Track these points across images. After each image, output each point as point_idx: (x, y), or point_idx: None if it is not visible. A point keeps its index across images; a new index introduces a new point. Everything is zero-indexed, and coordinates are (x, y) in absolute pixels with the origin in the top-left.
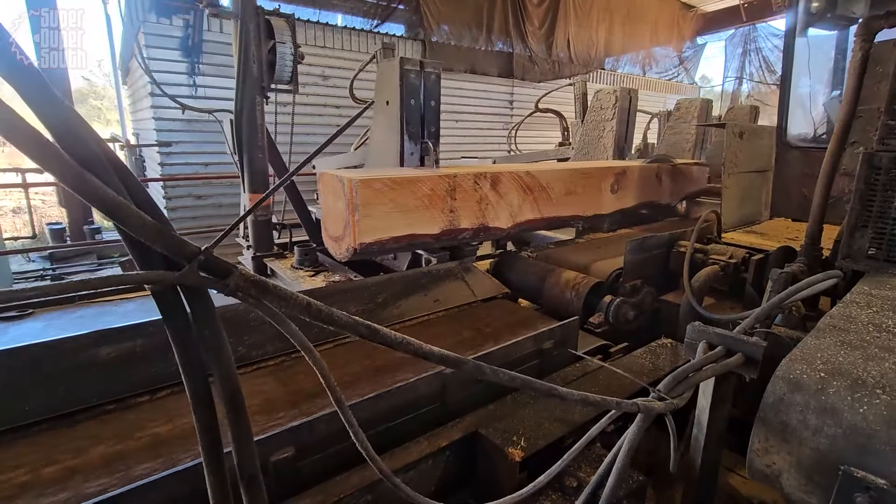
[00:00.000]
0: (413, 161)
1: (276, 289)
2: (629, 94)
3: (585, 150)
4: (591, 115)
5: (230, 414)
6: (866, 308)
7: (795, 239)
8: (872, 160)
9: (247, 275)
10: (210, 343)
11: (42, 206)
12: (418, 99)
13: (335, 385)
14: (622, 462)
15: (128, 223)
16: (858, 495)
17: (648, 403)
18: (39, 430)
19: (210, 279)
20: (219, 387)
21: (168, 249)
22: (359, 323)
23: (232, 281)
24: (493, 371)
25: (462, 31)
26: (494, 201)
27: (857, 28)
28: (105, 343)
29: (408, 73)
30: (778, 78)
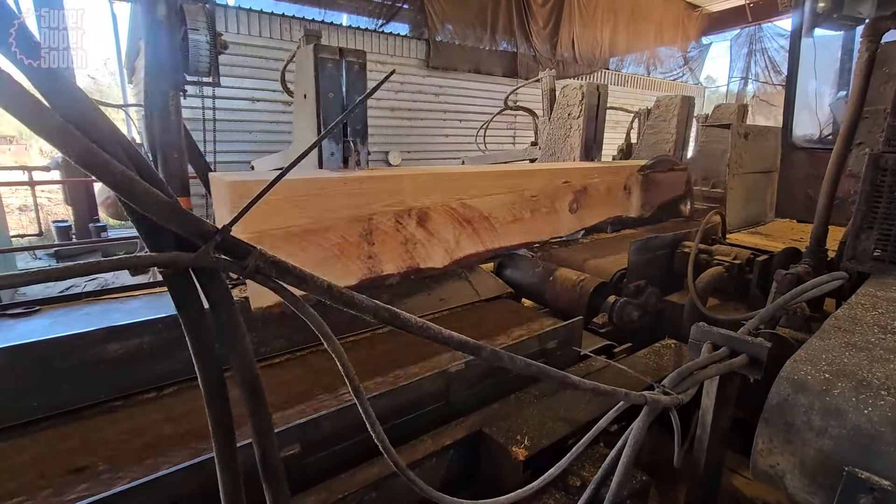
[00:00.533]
0: (334, 162)
1: (298, 270)
2: (597, 90)
3: (552, 150)
4: (557, 112)
5: (250, 404)
6: (871, 309)
7: (800, 240)
8: (878, 161)
9: (266, 255)
10: (227, 329)
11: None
12: (339, 92)
13: (354, 374)
14: (628, 456)
15: (139, 199)
16: (862, 496)
17: (655, 396)
18: (47, 425)
19: (228, 260)
20: (237, 376)
21: (182, 228)
22: (379, 307)
23: (251, 262)
24: (511, 358)
25: (466, 30)
26: (424, 240)
27: (864, 29)
28: (112, 340)
29: (324, 62)
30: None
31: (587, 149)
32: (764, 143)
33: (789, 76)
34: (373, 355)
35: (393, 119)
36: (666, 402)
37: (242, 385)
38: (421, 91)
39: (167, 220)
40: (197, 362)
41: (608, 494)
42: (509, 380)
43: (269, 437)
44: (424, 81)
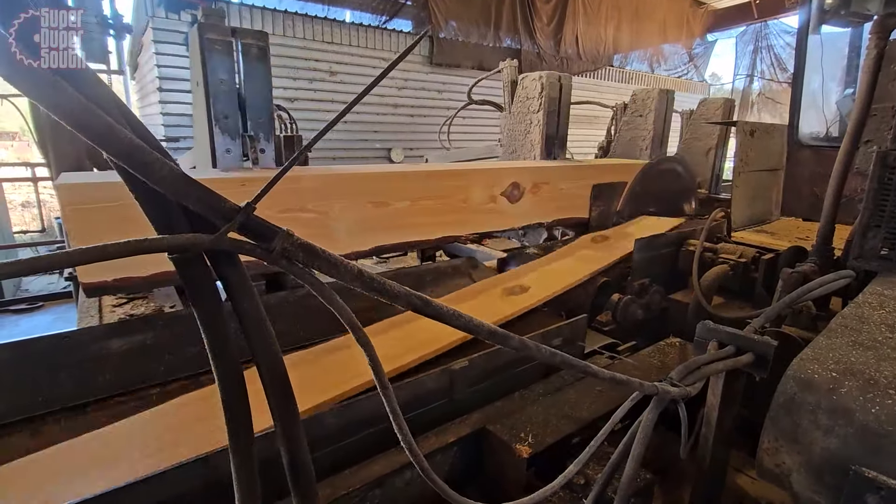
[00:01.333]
0: (230, 161)
1: (328, 254)
2: (559, 81)
3: (512, 146)
4: (516, 105)
5: (278, 404)
6: (879, 308)
7: (806, 239)
8: (886, 159)
9: (295, 238)
10: (250, 321)
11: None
12: (231, 80)
13: (382, 368)
14: (638, 449)
15: (151, 172)
16: (869, 496)
17: (665, 387)
18: (52, 420)
19: (251, 243)
20: (263, 372)
21: (200, 206)
22: (412, 294)
23: (278, 244)
24: (537, 347)
25: (470, 27)
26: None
27: (873, 25)
28: (117, 335)
29: (212, 44)
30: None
31: (548, 146)
32: (770, 140)
33: (796, 73)
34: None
35: (396, 116)
36: (675, 393)
37: (270, 382)
38: (424, 88)
39: (183, 195)
40: (212, 355)
41: (618, 491)
42: (513, 377)
43: (299, 441)
44: (427, 78)
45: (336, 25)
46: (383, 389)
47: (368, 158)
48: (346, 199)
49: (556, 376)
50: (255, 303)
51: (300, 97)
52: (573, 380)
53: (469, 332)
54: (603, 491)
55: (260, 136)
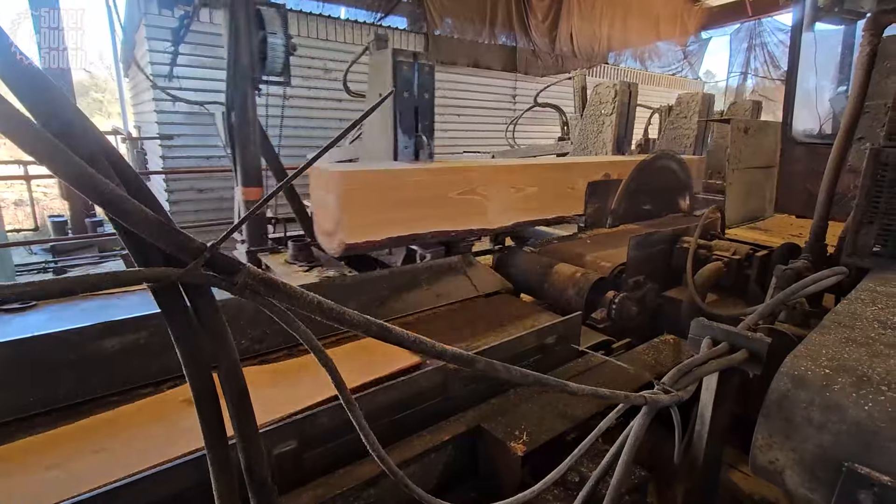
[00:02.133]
0: (407, 155)
1: (287, 287)
2: (629, 89)
3: (584, 144)
4: (590, 109)
5: (236, 418)
6: (871, 305)
7: (799, 236)
8: (879, 156)
9: (255, 272)
10: (216, 343)
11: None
12: (412, 92)
13: (345, 385)
14: (628, 454)
15: (128, 218)
16: (862, 492)
17: (655, 396)
18: (44, 421)
19: (216, 277)
20: (224, 388)
21: (171, 246)
22: (371, 322)
23: (240, 278)
24: (506, 368)
25: (465, 24)
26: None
27: (866, 22)
28: (110, 335)
29: (401, 65)
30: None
31: (619, 144)
32: (764, 138)
33: (790, 71)
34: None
35: None
36: (665, 400)
37: (229, 397)
38: None
39: (156, 237)
40: (187, 372)
41: (608, 492)
42: None
43: (258, 449)
44: None
45: (331, 22)
46: (348, 405)
47: None
48: (497, 186)
49: (552, 373)
50: (220, 327)
51: (294, 94)
52: (566, 378)
53: (433, 356)
54: (595, 490)
55: (425, 135)
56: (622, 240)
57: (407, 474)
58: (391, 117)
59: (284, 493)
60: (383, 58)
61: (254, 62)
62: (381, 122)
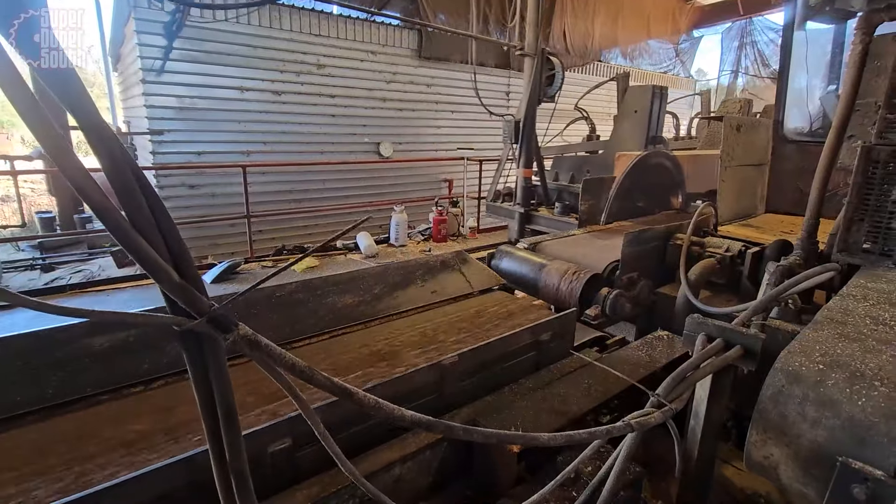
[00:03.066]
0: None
1: (267, 347)
2: (661, 92)
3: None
4: (624, 107)
5: (226, 425)
6: (863, 301)
7: (790, 233)
8: (871, 154)
9: (245, 333)
10: (213, 372)
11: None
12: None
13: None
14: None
15: (158, 278)
16: (856, 486)
17: (643, 419)
18: (32, 420)
19: (215, 331)
20: (218, 404)
21: (187, 304)
22: (335, 385)
23: (231, 336)
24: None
25: (458, 20)
26: None
27: (858, 21)
28: (98, 333)
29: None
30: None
31: (651, 140)
32: (756, 136)
33: (781, 69)
34: (369, 343)
35: (384, 110)
36: (657, 419)
37: (221, 411)
38: (412, 81)
39: (176, 295)
40: (196, 390)
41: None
42: (502, 372)
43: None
44: (416, 72)
45: (324, 17)
46: (324, 440)
47: (356, 153)
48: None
49: (546, 370)
50: (220, 363)
51: (287, 90)
52: (561, 375)
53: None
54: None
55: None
56: (614, 236)
57: (402, 472)
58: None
59: (279, 492)
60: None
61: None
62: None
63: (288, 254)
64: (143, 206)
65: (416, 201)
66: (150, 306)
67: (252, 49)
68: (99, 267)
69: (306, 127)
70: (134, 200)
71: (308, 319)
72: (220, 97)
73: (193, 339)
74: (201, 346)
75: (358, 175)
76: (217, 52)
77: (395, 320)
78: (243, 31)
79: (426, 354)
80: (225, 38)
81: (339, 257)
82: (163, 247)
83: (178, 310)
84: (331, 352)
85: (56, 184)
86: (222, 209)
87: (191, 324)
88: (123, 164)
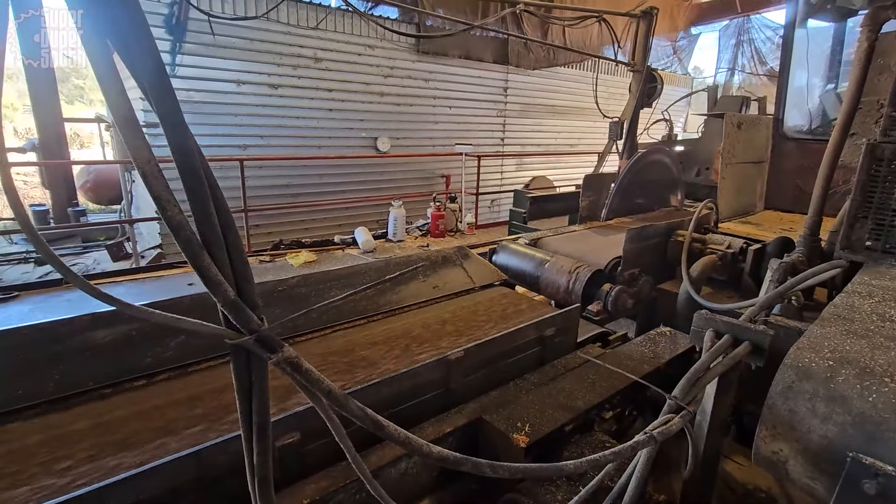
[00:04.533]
0: None
1: (308, 372)
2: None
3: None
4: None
5: (258, 435)
6: (868, 298)
7: (790, 230)
8: (875, 151)
9: (288, 355)
10: (256, 386)
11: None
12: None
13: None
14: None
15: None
16: (866, 482)
17: (665, 428)
18: (33, 413)
19: (262, 349)
20: (255, 416)
21: (238, 322)
22: (368, 416)
23: (276, 356)
24: (492, 467)
25: (457, 15)
26: None
27: (864, 18)
28: (100, 326)
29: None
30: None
31: None
32: (756, 133)
33: (782, 67)
34: (370, 341)
35: (382, 104)
36: (677, 425)
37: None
38: (410, 76)
39: (230, 312)
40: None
41: None
42: (507, 367)
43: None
44: (414, 67)
45: (322, 11)
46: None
47: (354, 147)
48: None
49: (550, 366)
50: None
51: (284, 84)
52: (566, 370)
53: (419, 455)
54: None
55: None
56: (616, 233)
57: (408, 466)
58: None
59: (287, 486)
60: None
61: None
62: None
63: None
64: (213, 217)
65: (413, 196)
66: (146, 300)
67: (249, 42)
68: (94, 260)
69: (303, 121)
70: (206, 210)
71: (310, 314)
72: (217, 90)
73: (242, 354)
74: (248, 362)
75: (355, 170)
76: (213, 45)
77: (397, 315)
78: (240, 23)
79: (429, 350)
80: (222, 30)
81: (337, 252)
82: (226, 261)
83: (231, 324)
84: (332, 347)
85: (50, 176)
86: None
87: (240, 339)
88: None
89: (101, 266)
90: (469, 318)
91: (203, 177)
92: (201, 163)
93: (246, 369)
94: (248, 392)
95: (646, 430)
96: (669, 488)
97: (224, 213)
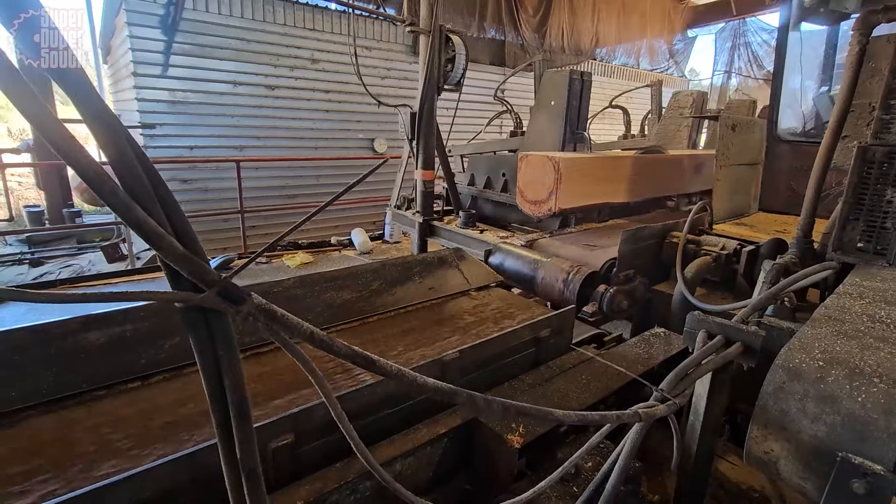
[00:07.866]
0: (569, 147)
1: (284, 318)
2: (702, 98)
3: (663, 140)
4: (668, 112)
5: (237, 420)
6: (859, 299)
7: (784, 231)
8: (866, 154)
9: (258, 303)
10: (224, 357)
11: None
12: (577, 100)
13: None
14: (620, 470)
15: (163, 250)
16: (855, 481)
17: (649, 410)
18: (26, 416)
19: (226, 304)
20: (229, 395)
21: (193, 276)
22: (357, 353)
23: (245, 308)
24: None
25: (454, 17)
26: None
27: (855, 22)
28: (94, 328)
29: (574, 80)
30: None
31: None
32: (750, 135)
33: (776, 70)
34: (367, 342)
35: None
36: (662, 411)
37: (232, 403)
38: (407, 78)
39: (182, 267)
40: (204, 377)
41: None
42: (502, 368)
43: (252, 445)
44: (411, 68)
45: (318, 11)
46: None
47: (351, 148)
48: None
49: (545, 367)
50: (231, 345)
51: (281, 85)
52: (560, 371)
53: (414, 389)
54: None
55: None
56: (612, 234)
57: (403, 466)
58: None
59: (281, 487)
60: (561, 75)
61: (440, 75)
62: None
63: (282, 249)
64: (141, 175)
65: None
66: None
67: (245, 43)
68: (89, 262)
69: (300, 122)
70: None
71: (305, 315)
72: (213, 91)
73: (201, 318)
74: (209, 327)
75: (352, 171)
76: (209, 46)
77: (393, 316)
78: (236, 24)
79: (425, 351)
80: (216, 31)
81: (333, 253)
82: (163, 219)
83: (182, 286)
84: None
85: (44, 177)
86: (215, 204)
87: (199, 297)
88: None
89: (97, 267)
90: (464, 319)
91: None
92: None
93: (209, 339)
94: (216, 366)
95: (632, 408)
96: (663, 488)
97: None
